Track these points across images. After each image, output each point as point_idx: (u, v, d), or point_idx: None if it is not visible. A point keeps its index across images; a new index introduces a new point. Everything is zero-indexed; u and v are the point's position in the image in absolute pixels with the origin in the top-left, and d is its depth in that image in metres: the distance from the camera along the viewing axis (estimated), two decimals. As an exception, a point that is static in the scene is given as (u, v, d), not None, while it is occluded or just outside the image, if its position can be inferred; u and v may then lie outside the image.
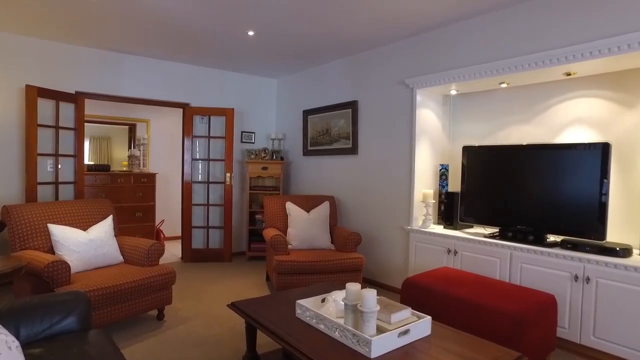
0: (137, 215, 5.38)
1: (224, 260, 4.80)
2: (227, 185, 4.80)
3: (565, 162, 2.74)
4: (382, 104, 3.97)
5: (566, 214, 2.73)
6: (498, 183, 3.13)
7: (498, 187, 3.13)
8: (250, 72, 5.11)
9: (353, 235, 3.67)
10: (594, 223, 2.58)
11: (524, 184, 2.96)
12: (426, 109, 3.65)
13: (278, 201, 4.07)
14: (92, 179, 5.04)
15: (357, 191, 4.24)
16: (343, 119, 4.34)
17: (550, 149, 2.82)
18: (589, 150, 2.62)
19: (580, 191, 2.66)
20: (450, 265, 3.25)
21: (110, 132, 5.76)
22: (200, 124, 4.86)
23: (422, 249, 3.49)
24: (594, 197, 2.59)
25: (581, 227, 2.65)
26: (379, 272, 3.98)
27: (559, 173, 2.77)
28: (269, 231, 3.77)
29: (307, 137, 4.84)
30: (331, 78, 4.56)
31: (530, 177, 2.93)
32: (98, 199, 3.30)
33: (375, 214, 4.03)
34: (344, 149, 4.32)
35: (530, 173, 2.93)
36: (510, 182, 3.05)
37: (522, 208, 2.97)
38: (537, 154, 2.89)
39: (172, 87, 4.65)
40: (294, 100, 5.14)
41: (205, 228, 4.85)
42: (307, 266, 3.35)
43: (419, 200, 3.64)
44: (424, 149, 3.65)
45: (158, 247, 3.00)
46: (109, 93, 4.22)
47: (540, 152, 2.87)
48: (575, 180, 2.70)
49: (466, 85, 3.32)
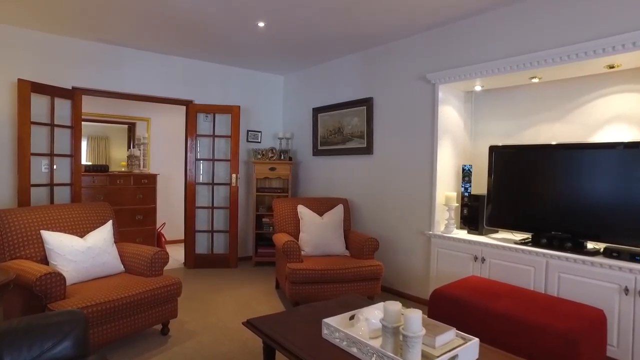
0: (137, 219, 5.13)
1: (229, 266, 4.55)
2: (232, 186, 4.55)
3: (606, 163, 2.51)
4: (400, 101, 3.73)
5: (608, 219, 2.49)
6: (529, 185, 2.89)
7: (529, 189, 2.89)
8: (256, 68, 4.87)
9: (370, 241, 3.43)
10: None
11: (559, 186, 2.73)
12: (448, 106, 3.42)
13: (288, 204, 3.83)
14: (89, 180, 4.78)
15: (373, 193, 4.00)
16: (357, 117, 4.10)
17: (589, 148, 2.59)
18: (633, 149, 2.39)
19: (624, 195, 2.43)
20: (477, 273, 3.01)
21: (108, 132, 5.51)
22: (205, 122, 4.61)
23: (445, 255, 3.25)
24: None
25: (627, 233, 2.41)
26: (398, 280, 3.74)
27: (600, 175, 2.54)
28: (279, 236, 3.53)
29: (317, 136, 4.60)
30: (343, 74, 4.32)
31: (566, 179, 2.69)
32: (96, 202, 3.05)
33: (393, 217, 3.79)
34: (358, 148, 4.08)
35: (566, 175, 2.69)
36: (544, 184, 2.81)
37: (556, 213, 2.74)
38: (574, 154, 2.66)
39: (174, 83, 4.40)
40: (303, 97, 4.90)
41: (210, 232, 4.60)
42: (323, 275, 3.11)
43: (441, 203, 3.40)
44: (445, 148, 3.42)
45: (162, 255, 2.75)
46: (107, 89, 3.96)
47: (578, 152, 2.64)
48: (617, 183, 2.46)
49: (493, 80, 3.09)
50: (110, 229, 2.83)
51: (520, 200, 2.94)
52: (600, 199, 2.53)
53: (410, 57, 3.65)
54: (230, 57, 4.41)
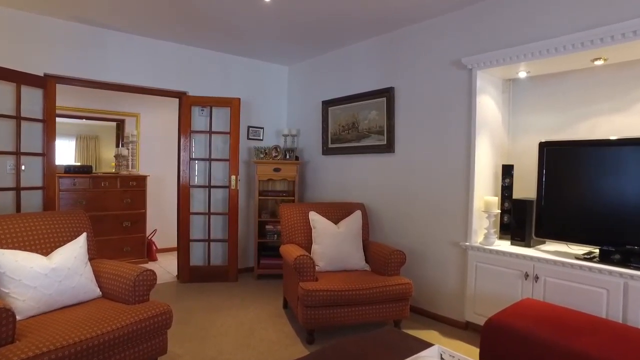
0: (124, 225, 4.58)
1: (228, 280, 4.02)
2: (232, 190, 4.02)
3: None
4: (428, 91, 3.22)
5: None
6: (593, 189, 2.40)
7: (593, 194, 2.40)
8: (258, 57, 4.35)
9: (396, 254, 2.92)
10: None
11: (635, 191, 2.23)
12: (485, 95, 2.92)
13: (297, 210, 3.30)
14: (69, 183, 4.23)
15: (394, 198, 3.48)
16: (375, 110, 3.60)
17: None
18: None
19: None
20: (528, 294, 2.51)
21: (98, 131, 4.97)
22: (200, 116, 4.08)
23: (486, 271, 2.75)
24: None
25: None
26: (426, 299, 3.23)
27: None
28: (288, 249, 3.00)
29: (327, 132, 4.09)
30: (359, 62, 3.81)
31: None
32: (68, 211, 2.51)
33: (419, 226, 3.28)
34: (377, 146, 3.57)
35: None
36: (613, 188, 2.32)
37: (632, 222, 2.24)
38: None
39: (166, 72, 3.86)
40: (311, 89, 4.38)
41: (206, 241, 4.07)
42: (343, 297, 2.59)
43: (479, 209, 2.90)
44: (483, 145, 2.92)
45: (148, 277, 2.21)
46: (87, 77, 3.42)
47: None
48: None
49: (543, 64, 2.59)
50: (83, 243, 2.29)
51: (580, 207, 2.45)
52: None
53: (440, 40, 3.14)
54: (229, 44, 3.88)
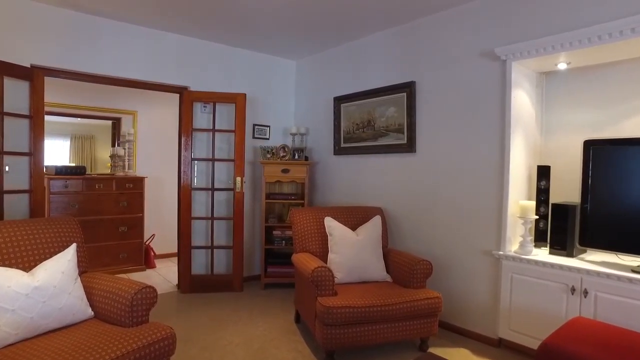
0: (120, 230, 4.28)
1: (233, 290, 3.72)
2: (237, 192, 3.72)
3: None
4: (454, 85, 2.95)
5: None
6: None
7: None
8: (264, 50, 4.06)
9: (422, 264, 2.63)
10: None
11: None
12: (520, 89, 2.65)
13: (311, 215, 3.02)
14: (60, 185, 3.93)
15: (415, 201, 3.20)
16: (393, 107, 3.31)
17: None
18: None
19: None
20: (575, 310, 2.23)
21: (93, 130, 4.68)
22: (203, 113, 3.79)
23: (523, 283, 2.47)
24: None
25: None
26: (454, 313, 2.94)
27: None
28: (303, 258, 2.72)
29: (339, 131, 3.80)
30: (375, 54, 3.53)
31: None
32: (55, 218, 2.21)
33: (444, 232, 3.00)
34: (396, 145, 3.29)
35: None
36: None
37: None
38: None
39: (165, 65, 3.56)
40: (321, 85, 4.10)
41: (209, 248, 3.77)
42: (369, 314, 2.31)
43: (514, 215, 2.63)
44: (518, 145, 2.65)
45: (147, 295, 1.92)
46: (79, 70, 3.11)
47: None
48: None
49: (587, 54, 2.32)
50: (72, 256, 1.99)
51: (636, 212, 2.18)
52: None
53: (469, 29, 2.87)
54: (233, 35, 3.59)
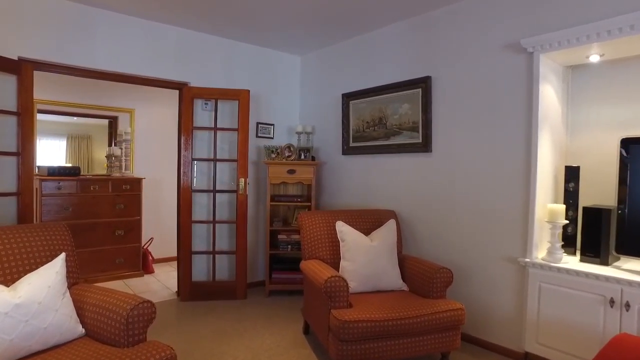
0: (117, 234, 4.07)
1: (236, 297, 3.52)
2: (240, 194, 3.52)
3: None
4: (474, 80, 2.75)
5: None
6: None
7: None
8: (268, 45, 3.85)
9: (442, 272, 2.44)
10: None
11: None
12: (547, 84, 2.45)
13: (321, 219, 2.82)
14: (53, 187, 3.72)
15: (431, 204, 3.00)
16: (407, 103, 3.12)
17: None
18: None
19: None
20: (614, 325, 2.04)
21: (90, 130, 4.48)
22: (204, 111, 3.58)
23: (553, 293, 2.27)
24: None
25: None
26: (474, 324, 2.74)
27: None
28: (313, 266, 2.51)
29: (348, 129, 3.60)
30: (387, 48, 3.33)
31: None
32: (42, 224, 2.00)
33: (463, 237, 2.80)
34: (410, 144, 3.09)
35: None
36: None
37: None
38: None
39: (164, 59, 3.36)
40: (328, 81, 3.90)
41: (211, 253, 3.56)
42: (388, 328, 2.10)
43: (541, 219, 2.43)
44: (545, 144, 2.45)
45: (144, 311, 1.72)
46: (71, 64, 2.91)
47: None
48: None
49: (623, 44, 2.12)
50: (61, 267, 1.78)
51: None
52: None
53: (491, 19, 2.67)
54: (235, 29, 3.39)
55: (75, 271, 2.00)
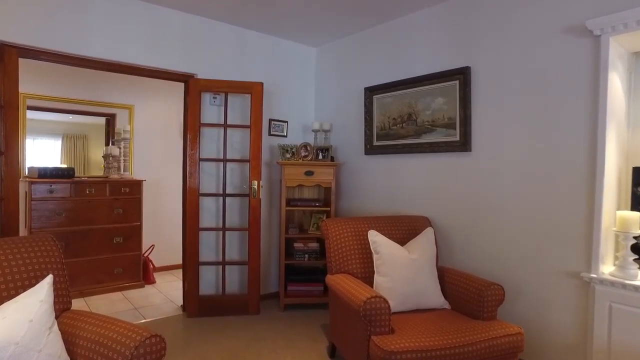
0: (115, 242, 3.72)
1: (248, 312, 3.17)
2: (253, 199, 3.17)
3: None
4: (526, 69, 2.41)
5: None
6: None
7: None
8: (281, 35, 3.51)
9: (493, 289, 2.11)
10: None
11: None
12: (615, 73, 2.13)
13: (348, 228, 2.48)
14: (44, 190, 3.36)
15: (470, 210, 2.67)
16: (442, 97, 2.79)
17: None
18: None
19: None
20: None
21: (86, 130, 4.14)
22: (212, 106, 3.24)
23: (629, 316, 1.95)
24: None
25: None
26: (526, 349, 2.40)
27: None
28: (343, 282, 2.18)
29: (371, 126, 3.27)
30: (418, 36, 3.00)
31: None
32: (26, 239, 1.65)
33: (509, 248, 2.47)
34: (445, 143, 2.76)
35: None
36: None
37: None
38: None
39: (168, 47, 3.01)
40: (347, 74, 3.56)
41: (221, 264, 3.21)
42: (442, 358, 1.77)
43: (609, 228, 2.11)
44: (611, 142, 2.12)
45: (153, 348, 1.37)
46: (63, 50, 2.55)
47: None
48: None
49: None
50: (46, 295, 1.43)
51: None
52: None
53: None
54: (247, 15, 3.05)
55: (66, 295, 1.66)
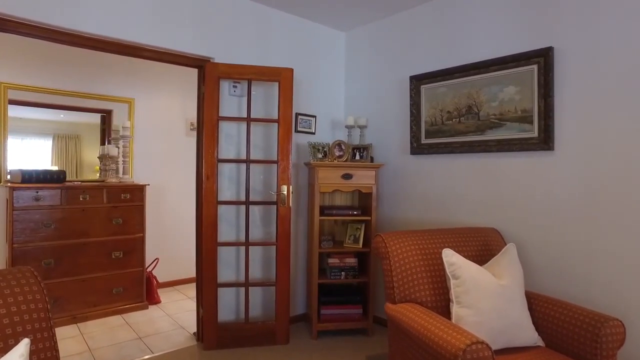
0: (113, 257, 3.19)
1: (275, 342, 2.67)
2: (282, 207, 2.67)
3: None
4: (632, 48, 1.95)
5: None
6: None
7: None
8: (305, 14, 3.03)
9: (611, 326, 1.63)
10: None
11: None
12: None
13: (412, 244, 1.99)
14: (30, 197, 2.83)
15: (553, 220, 2.19)
16: (514, 86, 2.32)
17: None
18: None
19: None
20: None
21: (79, 129, 3.61)
22: (231, 96, 2.74)
23: None
24: None
25: None
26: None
27: None
28: (416, 317, 1.69)
29: (418, 122, 2.80)
30: (480, 13, 2.53)
31: None
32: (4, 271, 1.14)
33: (612, 269, 2.00)
34: (518, 140, 2.29)
35: None
36: None
37: None
38: None
39: (178, 25, 2.51)
40: (386, 61, 3.08)
41: (243, 286, 2.70)
42: None
43: None
44: None
45: None
46: (49, 23, 2.04)
47: None
48: None
49: None
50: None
51: None
52: None
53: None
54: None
55: (54, 356, 1.15)
